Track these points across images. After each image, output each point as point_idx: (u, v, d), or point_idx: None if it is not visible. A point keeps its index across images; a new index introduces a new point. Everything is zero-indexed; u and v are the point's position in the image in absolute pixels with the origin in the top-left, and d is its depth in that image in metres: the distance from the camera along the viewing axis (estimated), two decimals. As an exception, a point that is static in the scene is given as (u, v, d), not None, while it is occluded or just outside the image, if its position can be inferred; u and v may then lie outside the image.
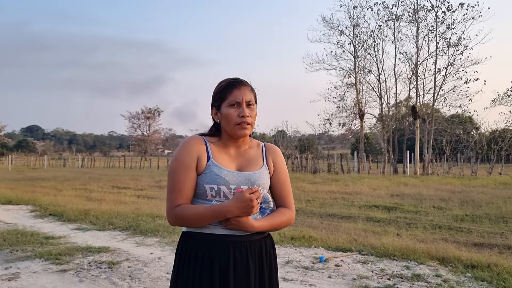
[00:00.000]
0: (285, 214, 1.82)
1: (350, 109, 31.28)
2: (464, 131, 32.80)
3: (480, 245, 6.49)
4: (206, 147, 1.76)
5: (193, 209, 1.68)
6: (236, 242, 1.70)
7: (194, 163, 1.72)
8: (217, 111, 1.81)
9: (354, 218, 9.22)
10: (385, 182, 18.11)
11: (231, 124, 1.75)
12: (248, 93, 1.77)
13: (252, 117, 1.76)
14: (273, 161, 1.87)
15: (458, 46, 27.07)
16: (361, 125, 31.15)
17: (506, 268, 4.77)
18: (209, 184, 1.70)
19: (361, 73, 30.73)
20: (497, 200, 11.52)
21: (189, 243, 1.74)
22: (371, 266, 5.08)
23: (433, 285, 4.35)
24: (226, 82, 1.80)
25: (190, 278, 1.70)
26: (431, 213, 9.85)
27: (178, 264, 1.76)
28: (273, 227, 1.77)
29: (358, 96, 30.63)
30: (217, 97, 1.80)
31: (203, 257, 1.69)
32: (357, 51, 30.36)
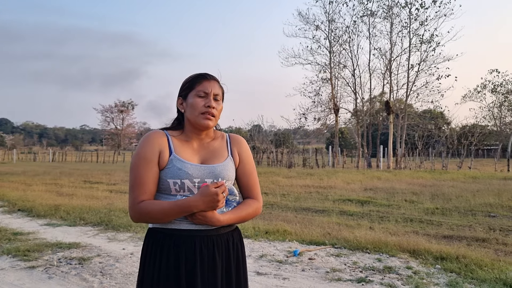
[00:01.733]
0: (252, 206, 1.80)
1: (325, 104, 31.57)
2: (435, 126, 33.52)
3: (450, 237, 6.63)
4: (168, 141, 1.73)
5: (157, 205, 1.65)
6: (202, 236, 1.68)
7: (156, 158, 1.69)
8: (183, 101, 1.79)
9: (328, 212, 9.31)
10: (359, 176, 18.35)
11: (196, 112, 1.73)
12: (217, 87, 1.77)
13: (217, 110, 1.76)
14: (238, 152, 1.85)
15: (431, 42, 27.65)
16: (336, 120, 31.45)
17: (473, 259, 4.89)
18: (172, 179, 1.67)
19: (336, 68, 31.05)
20: (466, 194, 11.82)
21: (155, 239, 1.71)
22: (344, 259, 5.13)
23: (404, 277, 4.42)
24: (197, 74, 1.80)
25: (156, 274, 1.67)
26: (403, 207, 10.03)
27: (144, 260, 1.73)
28: (240, 219, 1.75)
29: (333, 91, 30.90)
30: (185, 87, 1.78)
31: (169, 252, 1.67)
32: (333, 46, 30.62)
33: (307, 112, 31.90)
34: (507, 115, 65.19)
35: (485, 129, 40.86)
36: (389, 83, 29.26)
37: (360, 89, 30.92)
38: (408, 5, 27.93)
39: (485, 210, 9.35)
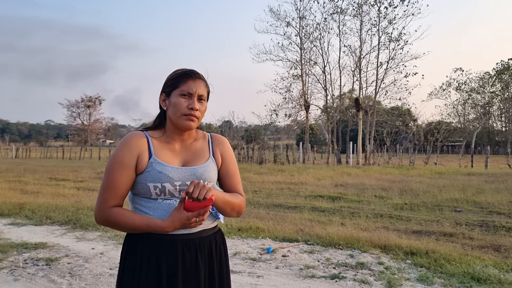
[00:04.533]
0: (240, 198, 1.76)
1: (296, 100, 31.75)
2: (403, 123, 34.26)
3: (418, 232, 6.78)
4: (148, 144, 1.67)
5: (128, 218, 1.60)
6: (185, 240, 1.63)
7: (133, 162, 1.62)
8: (166, 98, 1.72)
9: (300, 208, 9.36)
10: (330, 173, 18.55)
11: (178, 113, 1.66)
12: (202, 87, 1.70)
13: (201, 111, 1.69)
14: (221, 153, 1.80)
15: (399, 41, 28.22)
16: (307, 116, 31.68)
17: (442, 254, 5.00)
18: (152, 183, 1.62)
19: (307, 65, 31.25)
20: (433, 189, 12.13)
21: (135, 243, 1.65)
22: (317, 256, 5.16)
23: (376, 273, 4.48)
24: (183, 71, 1.71)
25: (136, 280, 1.61)
26: (373, 202, 10.19)
27: (124, 264, 1.66)
28: (230, 203, 1.69)
29: (304, 88, 31.09)
30: (169, 83, 1.71)
31: (149, 257, 1.61)
32: (303, 43, 30.81)
33: (278, 108, 32.04)
34: (470, 112, 67.47)
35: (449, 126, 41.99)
36: (358, 80, 29.70)
37: (331, 86, 31.30)
38: (377, 3, 28.41)
39: (451, 205, 9.61)
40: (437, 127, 30.70)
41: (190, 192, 1.48)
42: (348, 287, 4.07)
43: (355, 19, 29.68)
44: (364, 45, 29.35)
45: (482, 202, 9.89)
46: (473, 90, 65.37)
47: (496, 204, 9.61)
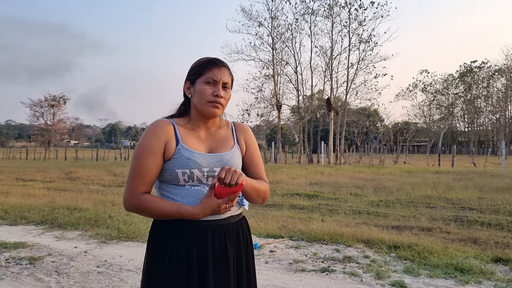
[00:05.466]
0: (265, 185, 1.78)
1: (268, 100, 31.85)
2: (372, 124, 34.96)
3: (398, 227, 6.95)
4: (175, 131, 1.67)
5: (159, 204, 1.61)
6: (214, 226, 1.64)
7: (161, 149, 1.63)
8: (191, 86, 1.72)
9: (279, 206, 9.42)
10: (303, 172, 18.73)
11: (203, 100, 1.67)
12: (227, 75, 1.71)
13: (225, 99, 1.70)
14: (245, 140, 1.82)
15: (369, 42, 28.78)
16: (279, 116, 31.85)
17: (425, 247, 5.14)
18: (181, 169, 1.62)
19: (279, 65, 31.42)
20: (406, 187, 12.43)
21: (165, 229, 1.65)
22: (304, 251, 5.21)
23: (364, 266, 4.56)
24: (207, 59, 1.72)
25: (166, 264, 1.60)
26: (349, 200, 10.37)
27: (152, 250, 1.66)
28: (257, 190, 1.71)
29: (276, 88, 31.25)
30: (194, 71, 1.71)
31: (179, 242, 1.61)
32: (275, 43, 30.96)
33: (250, 108, 32.07)
34: (435, 113, 69.52)
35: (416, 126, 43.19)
36: (329, 81, 30.09)
37: (302, 86, 31.58)
38: (348, 5, 28.90)
39: (424, 202, 9.89)
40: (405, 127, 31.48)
41: (222, 178, 1.48)
42: (339, 279, 4.14)
43: (326, 20, 30.14)
44: (335, 46, 29.84)
45: (453, 198, 10.22)
46: (438, 91, 67.44)
47: (466, 200, 9.95)
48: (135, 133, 72.32)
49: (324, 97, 31.86)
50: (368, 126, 33.78)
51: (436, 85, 67.02)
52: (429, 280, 4.10)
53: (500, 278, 4.14)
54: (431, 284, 4.00)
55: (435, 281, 4.09)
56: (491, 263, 4.65)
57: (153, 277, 1.63)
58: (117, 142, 73.10)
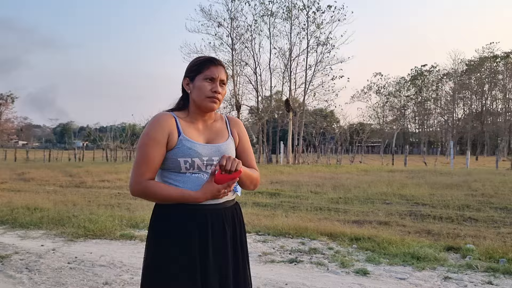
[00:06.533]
0: (256, 173, 1.97)
1: (228, 101, 31.92)
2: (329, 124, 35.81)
3: (358, 222, 7.30)
4: (176, 123, 1.83)
5: (164, 189, 1.77)
6: (213, 209, 1.81)
7: (165, 139, 1.78)
8: (190, 82, 1.88)
9: (242, 203, 9.59)
10: (263, 171, 18.99)
11: (202, 96, 1.84)
12: (223, 73, 1.88)
13: (222, 95, 1.88)
14: (238, 133, 1.99)
15: (326, 45, 29.49)
16: (238, 117, 32.02)
17: (384, 238, 5.48)
18: (183, 158, 1.78)
19: (239, 66, 31.55)
20: (363, 184, 12.93)
21: (167, 212, 1.79)
22: (271, 244, 5.43)
23: (329, 256, 4.83)
24: (205, 58, 1.90)
25: (168, 244, 1.75)
26: (310, 197, 10.69)
27: (155, 232, 1.81)
28: (251, 177, 1.90)
29: (235, 88, 31.37)
30: (193, 69, 1.88)
31: (182, 224, 1.76)
32: (235, 44, 31.04)
33: (209, 108, 31.99)
34: (388, 114, 72.14)
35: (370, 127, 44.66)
36: (288, 82, 30.60)
37: (261, 87, 31.90)
38: (306, 8, 29.49)
39: (381, 198, 10.35)
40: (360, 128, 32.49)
41: (223, 165, 1.68)
42: (307, 269, 4.38)
43: (285, 22, 30.59)
44: (293, 48, 30.36)
45: (407, 195, 10.75)
46: (391, 94, 70.07)
47: (419, 196, 10.50)
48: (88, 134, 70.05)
49: (283, 98, 32.35)
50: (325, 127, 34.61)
51: (389, 87, 69.71)
52: (389, 267, 4.42)
53: (452, 264, 4.51)
54: (391, 270, 4.32)
55: (394, 268, 4.41)
56: (444, 252, 5.04)
57: (157, 258, 1.77)
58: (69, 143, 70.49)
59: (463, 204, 9.13)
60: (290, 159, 28.61)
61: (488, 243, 5.29)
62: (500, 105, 66.58)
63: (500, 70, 65.29)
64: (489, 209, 8.60)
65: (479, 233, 6.25)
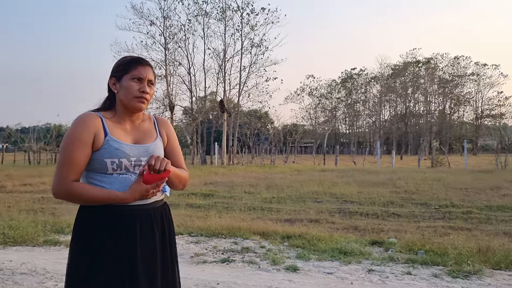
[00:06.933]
0: (185, 173, 1.96)
1: (161, 101, 31.34)
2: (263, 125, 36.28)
3: (289, 220, 7.47)
4: (103, 123, 1.78)
5: (89, 190, 1.72)
6: (141, 210, 1.78)
7: (91, 140, 1.73)
8: (116, 82, 1.83)
9: (175, 205, 9.45)
10: (197, 172, 18.86)
11: (130, 96, 1.80)
12: (151, 73, 1.86)
13: (150, 95, 1.85)
14: (166, 133, 1.98)
15: (260, 46, 29.87)
16: (171, 117, 31.50)
17: (314, 235, 5.65)
18: (109, 158, 1.73)
19: (172, 66, 31.07)
20: (295, 184, 13.25)
21: (93, 214, 1.74)
22: (204, 245, 5.41)
23: (260, 255, 4.90)
24: (132, 58, 1.87)
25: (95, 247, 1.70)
26: (243, 197, 10.77)
27: (81, 235, 1.74)
28: (180, 177, 1.89)
29: (168, 88, 30.86)
30: (120, 68, 1.83)
31: (109, 226, 1.72)
32: (168, 43, 30.54)
33: (141, 108, 31.18)
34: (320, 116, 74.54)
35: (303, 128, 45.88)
36: (222, 83, 30.61)
37: (195, 87, 31.64)
38: (240, 9, 29.69)
39: (312, 197, 10.66)
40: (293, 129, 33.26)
41: (152, 165, 1.66)
42: (239, 267, 4.41)
43: (219, 23, 30.59)
44: (228, 49, 30.43)
45: (337, 193, 11.16)
46: (323, 95, 72.51)
47: (348, 194, 10.94)
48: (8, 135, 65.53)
49: (217, 98, 32.31)
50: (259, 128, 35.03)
51: (321, 89, 72.09)
52: (318, 263, 4.56)
53: (376, 258, 4.75)
54: (320, 265, 4.47)
55: (323, 263, 4.56)
56: (369, 246, 5.29)
57: (82, 262, 1.71)
58: (-15, 145, 65.53)
59: (387, 201, 9.65)
60: (224, 160, 28.64)
61: (409, 236, 5.63)
62: (422, 108, 71.01)
63: (422, 75, 69.72)
64: (410, 205, 9.16)
65: (401, 227, 6.64)
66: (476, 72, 67.65)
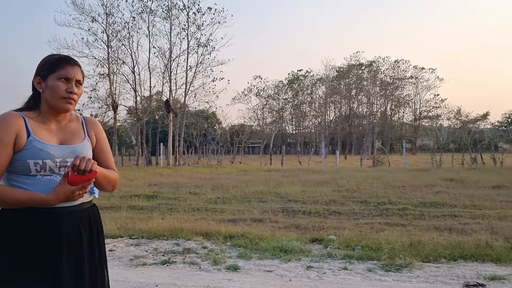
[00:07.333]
0: (115, 174, 1.92)
1: (103, 100, 30.39)
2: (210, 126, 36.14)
3: (233, 220, 7.48)
4: (25, 123, 1.70)
5: (11, 193, 1.65)
6: (67, 212, 1.72)
7: (12, 140, 1.66)
8: (41, 81, 1.76)
9: (117, 207, 9.22)
10: (141, 173, 18.50)
11: (57, 96, 1.73)
12: (79, 73, 1.80)
13: (78, 95, 1.79)
14: (95, 133, 1.92)
15: (207, 46, 29.70)
16: (115, 117, 30.63)
17: (256, 234, 5.71)
18: (33, 160, 1.67)
19: (115, 64, 30.21)
20: (241, 184, 13.29)
21: (16, 217, 1.67)
22: (144, 247, 5.31)
23: (202, 255, 4.88)
24: (60, 56, 1.80)
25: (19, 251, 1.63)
26: (188, 198, 10.67)
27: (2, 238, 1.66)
28: (108, 178, 1.84)
29: (111, 87, 29.96)
30: (46, 67, 1.76)
31: (34, 229, 1.65)
32: (111, 41, 29.60)
33: (83, 108, 30.08)
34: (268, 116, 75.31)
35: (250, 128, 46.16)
36: (168, 82, 30.16)
37: (140, 87, 30.96)
38: (186, 8, 29.40)
39: (257, 197, 10.74)
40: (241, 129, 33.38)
41: (76, 165, 1.60)
42: (179, 269, 4.38)
43: (165, 21, 30.12)
44: (174, 48, 30.02)
45: (282, 192, 11.32)
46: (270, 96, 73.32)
47: (292, 193, 11.13)
48: None
49: (163, 98, 31.80)
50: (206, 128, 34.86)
51: (268, 90, 72.83)
52: (259, 262, 4.62)
53: (315, 255, 4.87)
54: (261, 264, 4.52)
55: (263, 261, 4.62)
56: (309, 243, 5.42)
57: (1, 263, 1.63)
58: None
59: (330, 199, 9.91)
60: (170, 160, 28.25)
61: (347, 233, 5.83)
62: (365, 109, 73.60)
63: (365, 77, 72.30)
64: (351, 203, 9.47)
65: (341, 225, 6.84)
66: (415, 76, 71.09)
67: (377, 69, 71.74)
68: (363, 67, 71.31)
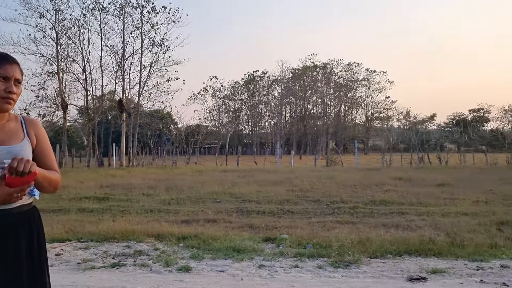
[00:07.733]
0: (56, 175, 1.85)
1: (52, 99, 29.21)
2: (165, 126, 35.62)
3: (187, 221, 7.42)
4: None
5: None
6: (4, 215, 1.66)
7: None
8: None
9: (65, 210, 8.93)
10: (92, 175, 17.96)
11: None
12: (18, 71, 1.74)
13: (17, 95, 1.74)
14: (35, 134, 1.85)
15: (162, 46, 29.23)
16: (64, 117, 29.51)
17: (209, 235, 5.70)
18: None
19: (65, 62, 29.13)
20: (196, 185, 13.20)
21: None
22: (93, 250, 5.17)
23: (153, 257, 4.81)
24: None
25: None
26: (141, 200, 10.48)
27: None
28: (49, 179, 1.78)
29: (61, 86, 28.86)
30: None
31: None
32: (60, 38, 28.52)
33: (30, 107, 28.79)
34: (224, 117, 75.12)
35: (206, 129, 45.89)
36: (121, 82, 29.46)
37: (92, 86, 30.03)
38: (140, 6, 28.81)
39: (212, 198, 10.70)
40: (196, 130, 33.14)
41: (14, 167, 1.53)
42: (129, 271, 4.29)
43: (118, 19, 29.38)
44: (127, 47, 29.34)
45: (237, 193, 11.34)
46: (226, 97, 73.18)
47: (247, 194, 11.17)
48: None
49: (116, 98, 31.02)
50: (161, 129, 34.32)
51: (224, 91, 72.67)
52: (212, 262, 4.61)
53: (268, 253, 4.92)
54: (213, 264, 4.51)
55: (216, 261, 4.62)
56: (262, 242, 5.47)
57: None
58: None
59: (284, 199, 10.02)
60: (123, 161, 27.60)
61: (299, 232, 5.92)
62: (320, 110, 74.96)
63: (319, 79, 73.65)
64: (305, 202, 9.62)
65: (294, 223, 6.94)
66: (367, 78, 73.26)
67: (331, 71, 73.30)
68: (318, 69, 72.64)
